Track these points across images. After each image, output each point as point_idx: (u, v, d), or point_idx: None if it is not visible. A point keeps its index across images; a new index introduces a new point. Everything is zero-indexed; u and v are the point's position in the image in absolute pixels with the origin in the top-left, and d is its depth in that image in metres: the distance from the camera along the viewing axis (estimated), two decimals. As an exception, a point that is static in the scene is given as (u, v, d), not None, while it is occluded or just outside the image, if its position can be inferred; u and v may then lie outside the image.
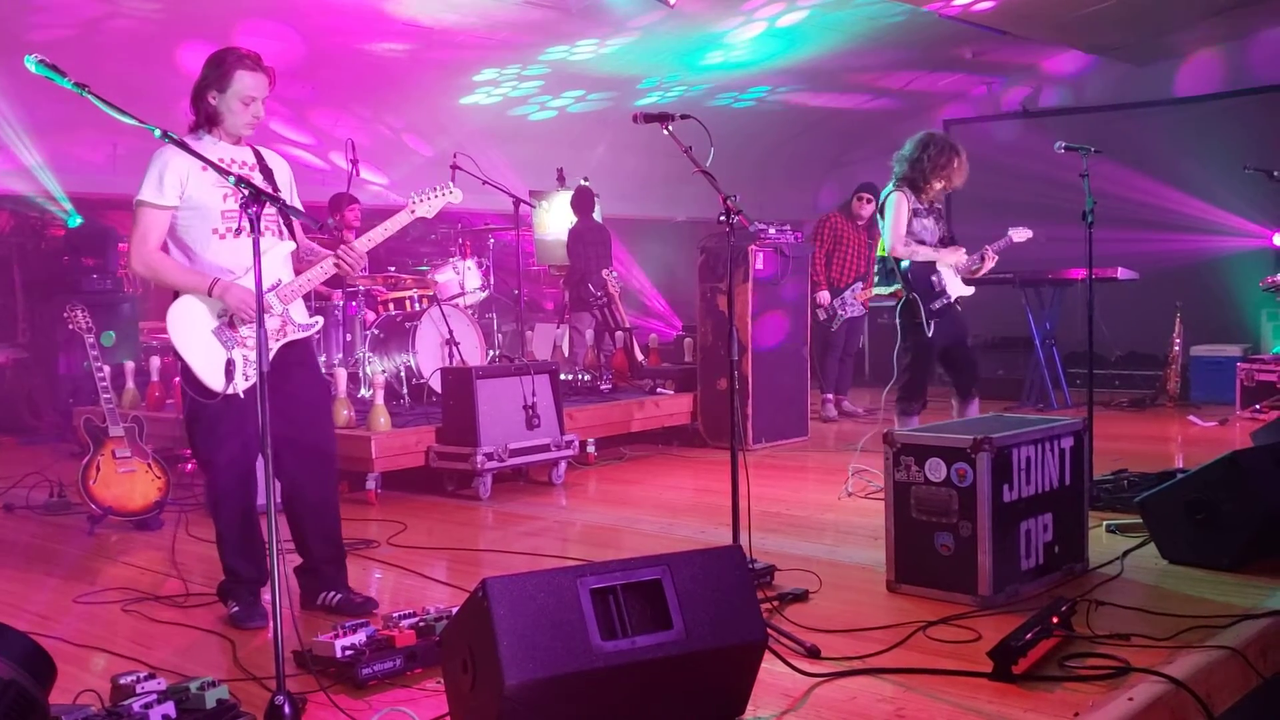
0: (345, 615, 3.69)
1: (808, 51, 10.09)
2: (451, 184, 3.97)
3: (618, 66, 9.85)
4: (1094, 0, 9.09)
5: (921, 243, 5.75)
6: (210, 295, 3.58)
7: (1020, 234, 6.05)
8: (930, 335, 5.70)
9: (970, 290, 5.92)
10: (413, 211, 3.89)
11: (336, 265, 3.73)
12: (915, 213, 5.74)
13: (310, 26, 8.13)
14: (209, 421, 3.68)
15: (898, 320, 5.84)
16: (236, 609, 3.76)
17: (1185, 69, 11.13)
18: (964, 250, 5.82)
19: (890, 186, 5.80)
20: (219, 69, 3.60)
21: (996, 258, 5.94)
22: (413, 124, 10.22)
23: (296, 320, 3.77)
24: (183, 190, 3.57)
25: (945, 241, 5.86)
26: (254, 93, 3.62)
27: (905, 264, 5.72)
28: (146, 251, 3.58)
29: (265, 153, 3.84)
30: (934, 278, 5.74)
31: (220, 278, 3.58)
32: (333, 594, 3.85)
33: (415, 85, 9.61)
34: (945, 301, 5.75)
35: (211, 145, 3.62)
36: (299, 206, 3.85)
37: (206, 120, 3.66)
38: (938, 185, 5.74)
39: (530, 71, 9.72)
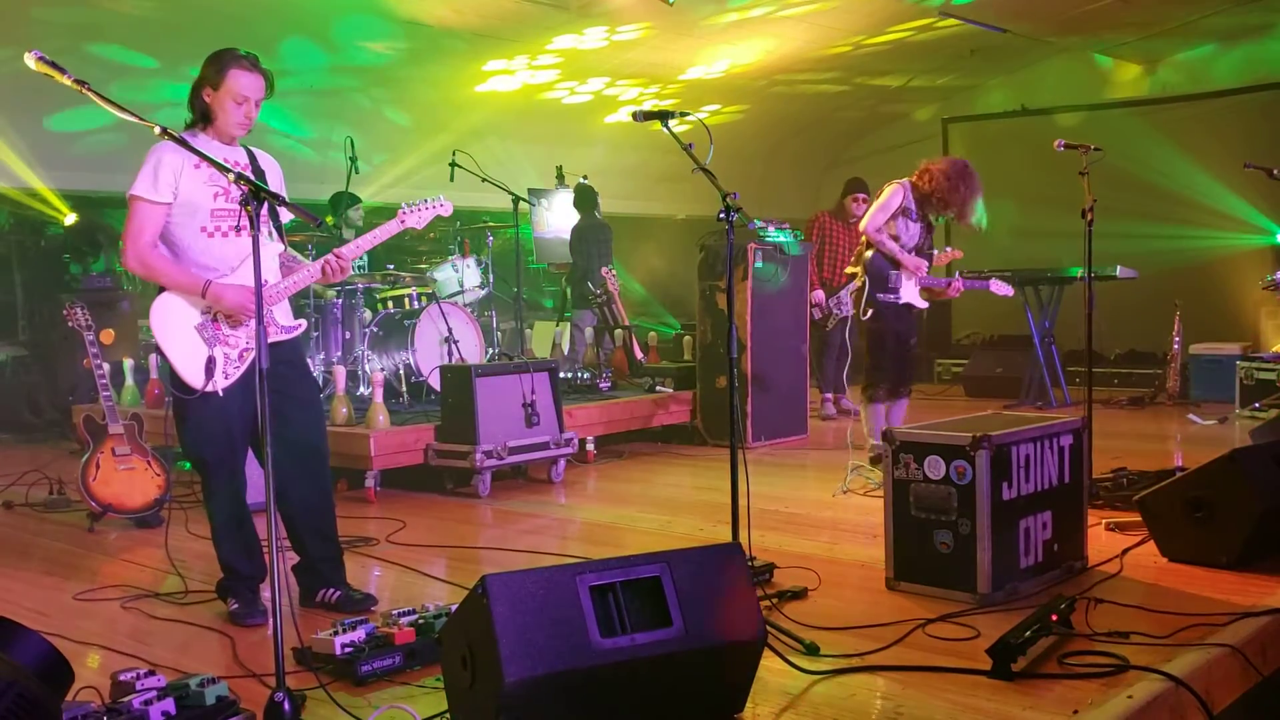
0: (344, 613, 3.70)
1: (807, 50, 10.09)
2: (443, 197, 3.98)
3: (624, 62, 9.84)
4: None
5: (896, 238, 5.83)
6: (203, 297, 3.58)
7: (1000, 288, 6.29)
8: (870, 319, 5.88)
9: (925, 305, 6.08)
10: (402, 222, 3.88)
11: (322, 271, 3.73)
12: (905, 211, 5.84)
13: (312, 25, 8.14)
14: (195, 420, 3.69)
15: (850, 306, 5.99)
16: (236, 606, 3.76)
17: (1184, 67, 11.13)
18: (925, 267, 5.93)
19: (900, 180, 5.88)
20: (215, 66, 3.60)
21: (961, 291, 6.12)
22: (421, 118, 10.18)
23: (280, 322, 3.77)
24: (176, 186, 3.57)
25: (921, 250, 5.97)
26: (247, 93, 3.60)
27: (870, 252, 5.87)
28: (141, 247, 3.58)
29: (259, 154, 3.83)
30: (892, 273, 5.88)
31: (213, 280, 3.58)
32: (332, 591, 3.85)
33: (421, 81, 9.60)
34: (895, 299, 5.89)
35: (205, 144, 3.60)
36: (287, 211, 3.86)
37: (200, 117, 3.66)
38: (949, 211, 5.81)
39: (541, 61, 9.68)
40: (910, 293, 5.95)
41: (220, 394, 3.62)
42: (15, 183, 8.39)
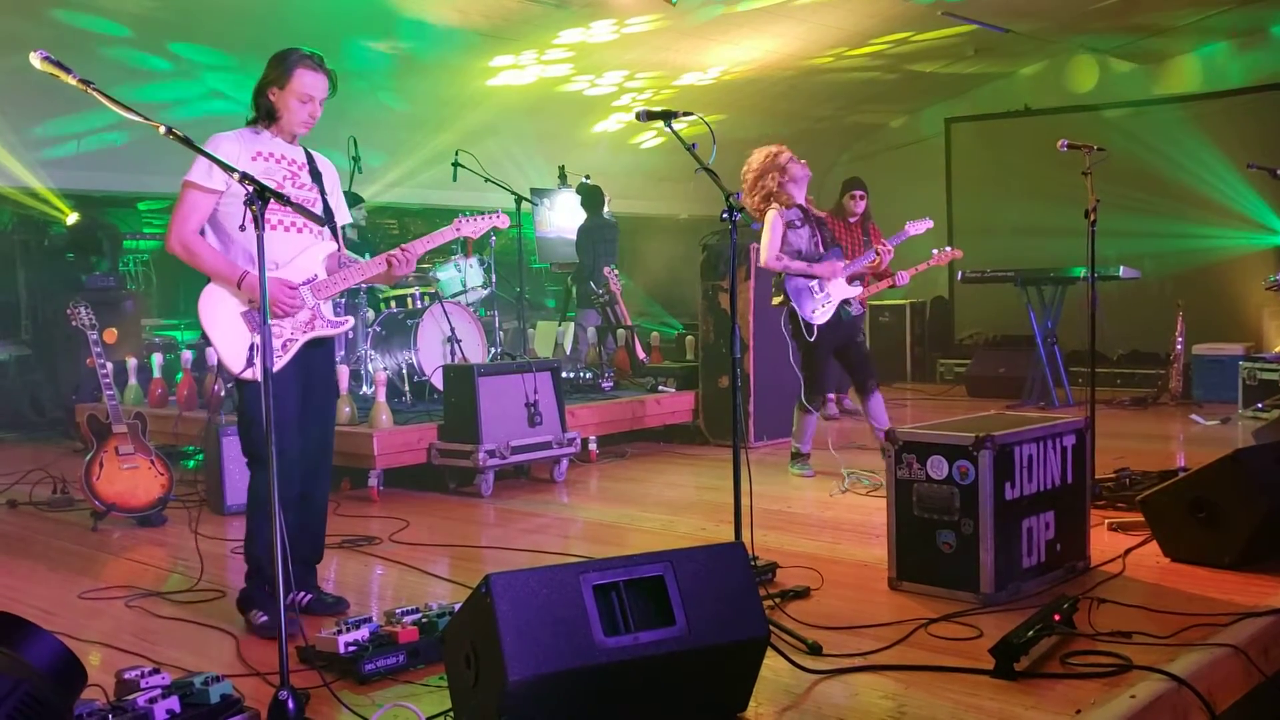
0: (316, 616, 3.67)
1: (808, 48, 10.09)
2: (500, 210, 4.07)
3: (629, 61, 9.84)
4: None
5: (798, 252, 5.98)
6: (239, 288, 3.60)
7: (918, 226, 6.31)
8: (813, 339, 5.94)
9: (856, 290, 6.17)
10: (458, 230, 3.92)
11: (388, 262, 3.74)
12: (790, 225, 5.99)
13: (315, 21, 8.14)
14: (251, 411, 3.62)
15: (784, 327, 6.09)
16: (264, 619, 3.62)
17: (1188, 66, 11.12)
18: (839, 264, 6.02)
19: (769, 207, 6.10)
20: (281, 65, 3.62)
21: (892, 251, 6.14)
22: (424, 118, 10.18)
23: (326, 316, 3.79)
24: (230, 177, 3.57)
25: (827, 244, 6.10)
26: (312, 92, 3.64)
27: (782, 275, 6.00)
28: (186, 232, 3.59)
29: (316, 156, 3.86)
30: (812, 284, 5.98)
31: (250, 271, 3.58)
32: (303, 594, 3.80)
33: (425, 81, 9.60)
34: (827, 304, 5.97)
35: (268, 141, 3.66)
36: (345, 211, 3.90)
37: (265, 116, 3.68)
38: (792, 197, 5.98)
39: (550, 57, 9.67)
40: (840, 290, 6.02)
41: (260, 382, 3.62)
42: (16, 183, 8.40)
